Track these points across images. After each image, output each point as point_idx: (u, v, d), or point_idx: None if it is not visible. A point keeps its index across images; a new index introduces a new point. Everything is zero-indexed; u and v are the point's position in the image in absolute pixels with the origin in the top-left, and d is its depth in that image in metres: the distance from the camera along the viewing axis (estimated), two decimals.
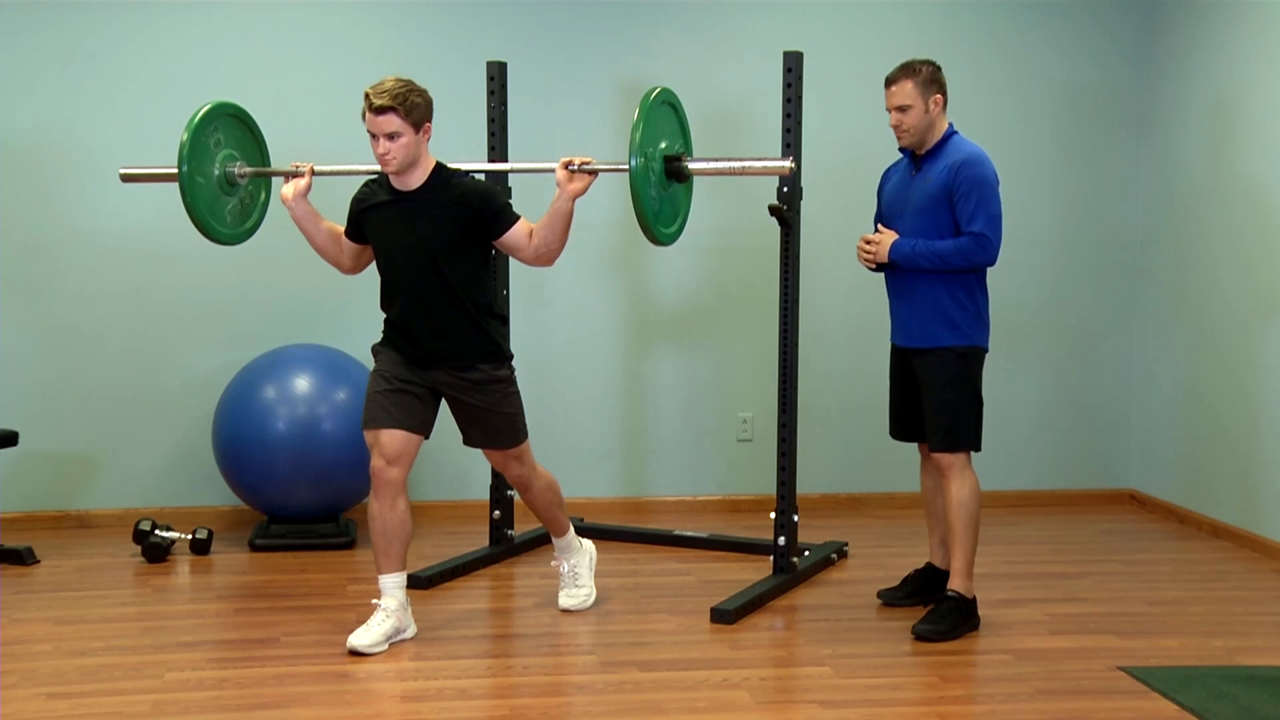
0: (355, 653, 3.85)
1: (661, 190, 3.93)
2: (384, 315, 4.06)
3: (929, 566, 4.45)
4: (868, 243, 4.21)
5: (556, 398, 5.73)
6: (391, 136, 3.80)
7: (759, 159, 4.04)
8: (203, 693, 3.59)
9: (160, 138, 5.42)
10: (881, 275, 4.31)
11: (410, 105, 3.79)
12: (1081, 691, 3.64)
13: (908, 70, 4.11)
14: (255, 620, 4.26)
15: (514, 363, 4.10)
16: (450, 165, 3.98)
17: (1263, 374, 5.14)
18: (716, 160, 4.09)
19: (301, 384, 5.03)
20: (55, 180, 5.41)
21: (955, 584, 4.13)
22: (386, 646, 3.92)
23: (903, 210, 4.19)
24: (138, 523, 5.02)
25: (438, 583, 4.65)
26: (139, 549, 4.98)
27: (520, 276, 5.15)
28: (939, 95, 4.11)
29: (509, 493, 5.06)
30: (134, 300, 5.48)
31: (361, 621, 3.98)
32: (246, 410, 5.02)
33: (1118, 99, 5.94)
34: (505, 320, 4.12)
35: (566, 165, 3.86)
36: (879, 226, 4.26)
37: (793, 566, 4.63)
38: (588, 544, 4.46)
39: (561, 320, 5.73)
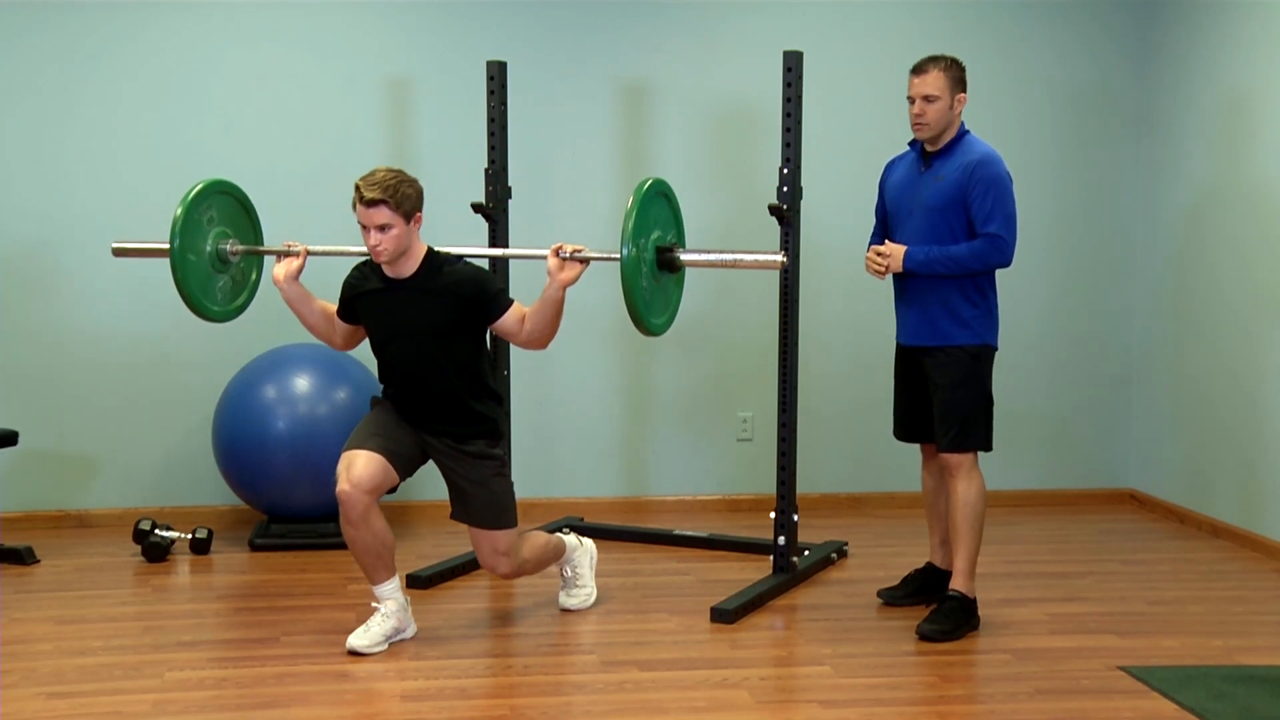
0: (354, 653, 3.85)
1: (653, 281, 3.91)
2: (382, 385, 4.06)
3: (929, 566, 4.44)
4: (877, 254, 4.17)
5: (557, 397, 5.73)
6: (383, 228, 3.78)
7: (751, 252, 3.97)
8: (203, 692, 3.59)
9: (160, 139, 5.43)
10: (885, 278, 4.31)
11: (401, 197, 3.77)
12: (1081, 691, 3.64)
13: (937, 61, 4.09)
14: (255, 620, 4.26)
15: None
16: (442, 250, 3.96)
17: (1263, 373, 5.14)
18: (709, 252, 4.03)
19: (301, 384, 5.03)
20: (55, 179, 5.41)
21: (958, 584, 4.13)
22: (386, 646, 3.92)
23: (913, 208, 4.16)
24: (138, 522, 5.02)
25: (437, 583, 4.65)
26: (139, 548, 4.98)
27: (521, 276, 5.14)
28: (962, 94, 4.10)
29: None
30: (134, 299, 5.48)
31: (361, 621, 3.98)
32: (247, 410, 5.02)
33: (1118, 99, 5.94)
34: (500, 399, 4.11)
35: (557, 252, 3.83)
36: (887, 241, 4.20)
37: (793, 566, 4.64)
38: (588, 543, 4.46)
39: (562, 320, 5.71)
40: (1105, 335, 6.04)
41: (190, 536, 5.07)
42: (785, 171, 4.49)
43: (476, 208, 4.92)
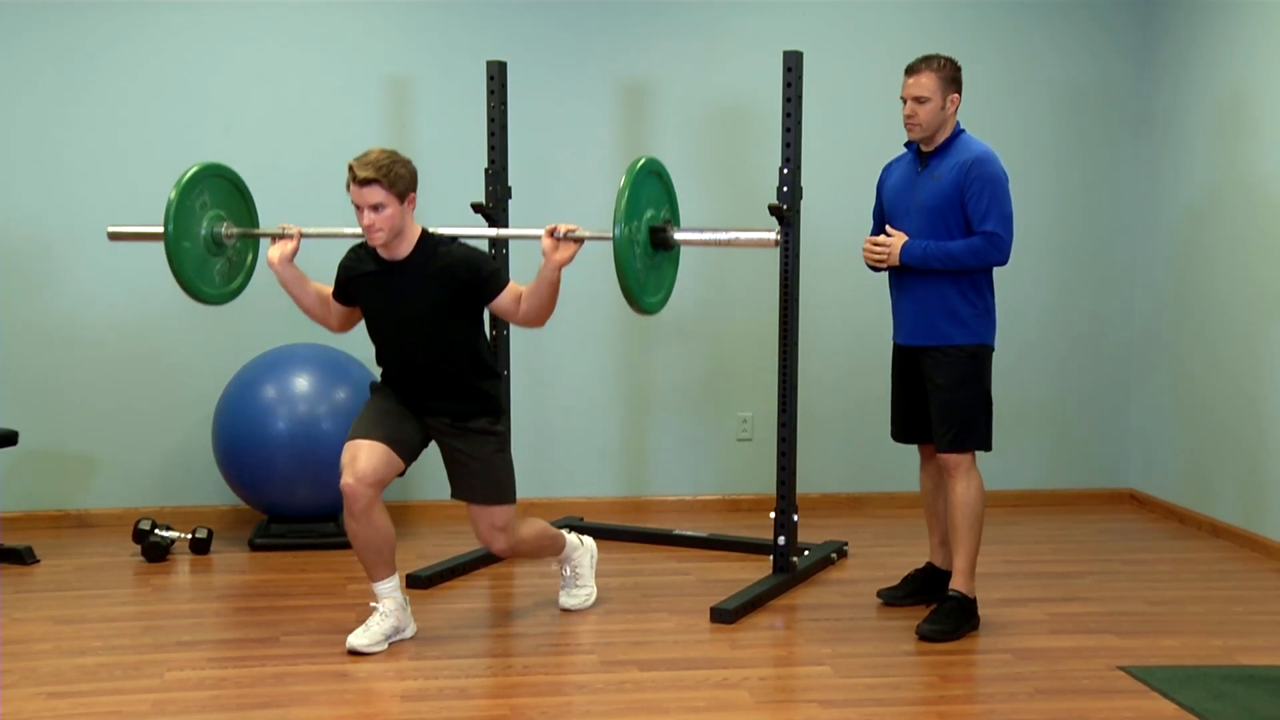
0: (354, 652, 3.85)
1: (647, 260, 3.90)
2: (380, 368, 4.07)
3: (929, 566, 4.44)
4: (875, 245, 4.19)
5: (556, 397, 5.73)
6: (376, 208, 3.78)
7: (745, 230, 3.96)
8: (202, 692, 3.59)
9: (159, 138, 5.43)
10: (883, 274, 4.31)
11: (394, 177, 3.77)
12: (1081, 691, 3.64)
13: (930, 62, 4.09)
14: (255, 620, 4.26)
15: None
16: (436, 232, 3.96)
17: (1263, 373, 5.14)
18: (703, 230, 4.03)
19: (301, 383, 5.03)
20: (54, 179, 5.41)
21: (958, 584, 4.13)
22: (385, 646, 3.92)
23: (909, 207, 4.16)
24: (137, 522, 5.02)
25: (437, 582, 4.65)
26: (139, 548, 4.98)
27: (519, 275, 5.13)
28: (956, 94, 4.10)
29: None
30: (134, 299, 5.48)
31: (361, 621, 3.98)
32: (246, 409, 5.02)
33: (1118, 98, 5.94)
34: (499, 376, 4.12)
35: (551, 233, 3.83)
36: (887, 228, 4.21)
37: (792, 566, 4.63)
38: (589, 542, 4.45)
39: (561, 320, 5.69)
40: (1105, 335, 6.04)
41: (190, 536, 5.07)
42: (785, 171, 4.49)
43: (476, 208, 4.92)
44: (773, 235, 3.83)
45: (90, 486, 5.52)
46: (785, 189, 4.49)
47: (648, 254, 3.86)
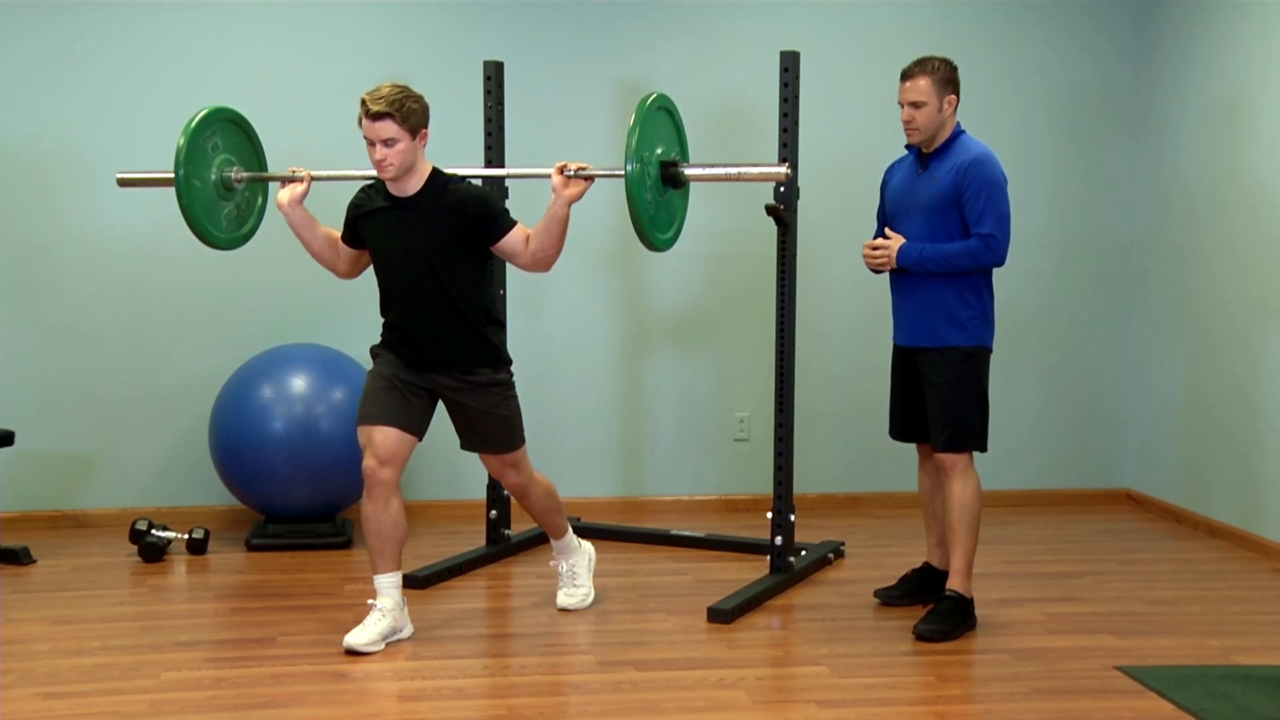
0: (352, 652, 3.85)
1: (658, 196, 3.92)
2: (383, 319, 4.06)
3: (926, 566, 4.44)
4: (874, 248, 4.19)
5: (554, 398, 5.73)
6: (388, 143, 3.80)
7: (755, 165, 4.01)
8: (200, 692, 3.58)
9: (158, 138, 5.41)
10: (883, 275, 4.31)
11: (407, 111, 3.79)
12: (1078, 691, 3.64)
13: (925, 66, 4.09)
14: (252, 620, 4.26)
15: (512, 365, 4.12)
16: (447, 171, 3.98)
17: (1260, 374, 5.14)
18: (713, 166, 4.07)
19: (298, 384, 5.03)
20: (53, 181, 5.41)
21: (955, 584, 4.13)
22: (383, 646, 3.92)
23: (910, 209, 4.17)
24: (134, 522, 5.02)
25: (434, 582, 4.65)
26: (135, 548, 4.97)
27: (517, 277, 5.13)
28: (953, 95, 4.10)
29: (505, 493, 5.06)
30: (131, 300, 5.48)
31: (358, 621, 3.97)
32: (243, 410, 5.01)
33: (1115, 99, 5.94)
34: (502, 325, 4.13)
35: (562, 170, 3.85)
36: (886, 230, 4.22)
37: (790, 566, 4.63)
38: (587, 545, 4.47)
39: (559, 320, 5.73)
40: (1102, 334, 6.04)
41: (187, 536, 5.06)
42: None
43: None
44: (783, 169, 3.86)
45: (87, 487, 5.51)
46: (782, 189, 4.49)
47: (658, 190, 3.89)
